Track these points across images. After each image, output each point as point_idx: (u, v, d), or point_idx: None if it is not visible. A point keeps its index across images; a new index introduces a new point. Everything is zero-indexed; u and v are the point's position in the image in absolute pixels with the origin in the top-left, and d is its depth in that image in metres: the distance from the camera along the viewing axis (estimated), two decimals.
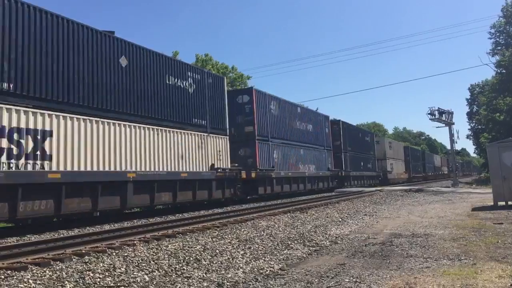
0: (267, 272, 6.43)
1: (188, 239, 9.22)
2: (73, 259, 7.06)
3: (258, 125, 22.74)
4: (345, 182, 35.95)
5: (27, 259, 6.98)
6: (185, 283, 5.78)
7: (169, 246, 8.30)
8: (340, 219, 13.30)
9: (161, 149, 15.35)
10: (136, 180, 13.74)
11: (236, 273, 6.34)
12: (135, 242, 8.67)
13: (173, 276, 6.16)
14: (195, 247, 8.20)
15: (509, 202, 15.37)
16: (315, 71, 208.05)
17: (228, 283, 5.78)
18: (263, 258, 7.44)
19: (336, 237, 9.70)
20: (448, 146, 73.11)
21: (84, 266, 6.58)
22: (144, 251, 7.81)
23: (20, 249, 7.71)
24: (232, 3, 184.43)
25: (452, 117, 41.51)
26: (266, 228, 11.04)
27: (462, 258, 6.94)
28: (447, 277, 5.72)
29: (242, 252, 7.89)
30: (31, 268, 6.38)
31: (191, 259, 7.21)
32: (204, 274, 6.25)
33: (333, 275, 6.03)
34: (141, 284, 5.70)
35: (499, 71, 41.82)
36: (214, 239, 9.21)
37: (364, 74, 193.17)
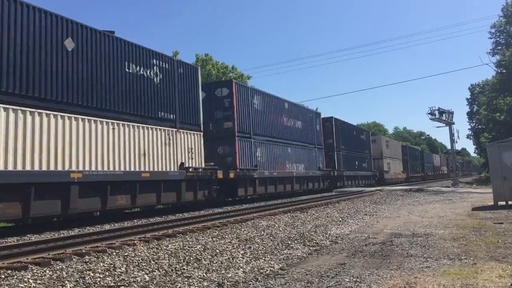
0: (267, 272, 6.43)
1: (188, 238, 9.22)
2: (73, 259, 7.06)
3: (238, 120, 20.84)
4: (338, 182, 34.12)
5: (27, 258, 6.98)
6: (186, 282, 5.78)
7: (170, 245, 8.31)
8: (340, 219, 13.31)
9: (117, 146, 13.39)
10: (83, 181, 11.83)
11: (237, 273, 6.35)
12: (135, 241, 8.67)
13: (173, 275, 6.16)
14: (196, 247, 8.20)
15: (509, 202, 15.38)
16: (315, 71, 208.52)
17: (228, 283, 5.78)
18: (263, 258, 7.44)
19: (336, 237, 9.71)
20: (448, 146, 73.11)
21: (84, 265, 6.58)
22: (145, 250, 7.81)
23: (20, 249, 7.71)
24: (232, 3, 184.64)
25: (452, 117, 41.56)
26: (266, 228, 11.05)
27: (463, 257, 6.94)
28: (448, 276, 5.72)
29: (242, 252, 7.89)
30: (31, 267, 6.38)
31: (191, 258, 7.21)
32: (204, 274, 6.25)
33: (333, 275, 6.03)
34: (141, 283, 5.71)
35: (499, 70, 41.82)
36: (214, 239, 9.21)
37: (364, 74, 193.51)
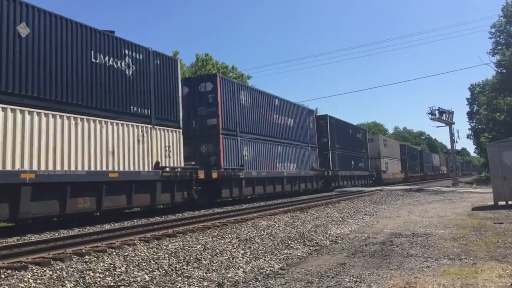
0: (267, 272, 6.43)
1: (188, 238, 9.22)
2: (74, 259, 7.06)
3: (223, 117, 19.66)
4: (333, 183, 32.72)
5: (27, 258, 6.98)
6: (186, 282, 5.78)
7: (170, 245, 8.31)
8: (341, 219, 13.31)
9: (81, 143, 12.19)
10: (37, 183, 10.72)
11: (237, 273, 6.35)
12: (135, 241, 8.67)
13: (173, 275, 6.16)
14: (196, 247, 8.20)
15: (510, 202, 15.38)
16: (314, 71, 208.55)
17: (228, 283, 5.78)
18: (263, 258, 7.44)
19: (336, 237, 9.70)
20: (448, 146, 73.06)
21: (84, 265, 6.58)
22: (145, 250, 7.81)
23: (21, 249, 7.71)
24: (232, 3, 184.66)
25: (452, 116, 41.57)
26: (266, 228, 11.04)
27: (463, 257, 6.94)
28: (448, 276, 5.72)
29: (242, 252, 7.89)
30: (32, 267, 6.38)
31: (191, 258, 7.21)
32: (204, 274, 6.25)
33: (333, 275, 6.03)
34: (141, 283, 5.71)
35: (499, 70, 41.81)
36: (214, 239, 9.21)
37: (364, 74, 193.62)
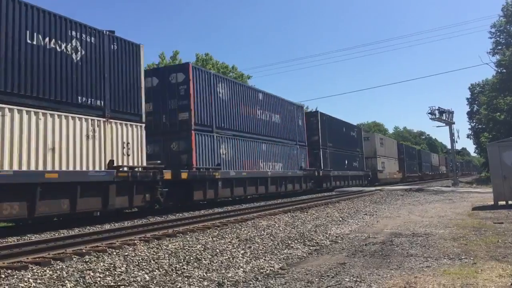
0: (267, 272, 6.44)
1: (188, 238, 9.22)
2: (74, 259, 7.06)
3: (196, 111, 17.57)
4: (324, 183, 30.55)
5: (27, 258, 6.97)
6: (186, 282, 5.78)
7: (170, 245, 8.31)
8: (341, 219, 13.31)
9: (8, 139, 10.29)
10: None
11: (237, 273, 6.35)
12: (135, 241, 8.67)
13: (173, 275, 6.16)
14: (196, 247, 8.20)
15: (510, 202, 15.39)
16: (314, 70, 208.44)
17: (228, 283, 5.78)
18: (263, 258, 7.45)
19: (336, 237, 9.71)
20: (448, 146, 72.94)
21: (84, 265, 6.58)
22: (145, 250, 7.81)
23: (21, 249, 7.70)
24: (232, 3, 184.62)
25: (452, 116, 41.61)
26: (267, 228, 11.04)
27: (463, 257, 6.95)
28: (448, 276, 5.72)
29: (242, 252, 7.89)
30: (32, 267, 6.38)
31: (191, 258, 7.21)
32: (204, 274, 6.25)
33: (333, 275, 6.04)
34: (141, 283, 5.71)
35: (499, 70, 41.83)
36: (214, 239, 9.21)
37: (364, 74, 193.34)
